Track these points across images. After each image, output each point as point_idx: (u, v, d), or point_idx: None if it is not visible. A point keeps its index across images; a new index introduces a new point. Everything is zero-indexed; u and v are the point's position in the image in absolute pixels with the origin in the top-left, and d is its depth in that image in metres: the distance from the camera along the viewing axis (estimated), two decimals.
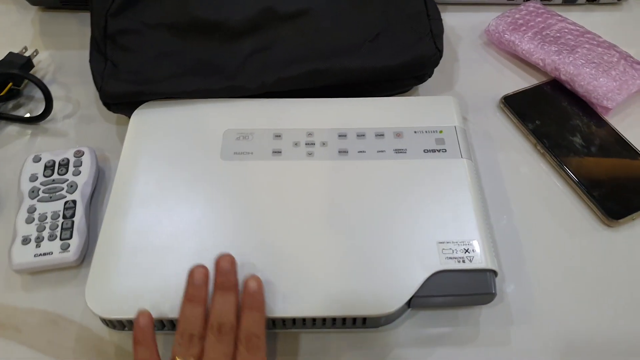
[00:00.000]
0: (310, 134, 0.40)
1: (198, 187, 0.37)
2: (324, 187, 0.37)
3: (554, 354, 0.34)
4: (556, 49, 0.47)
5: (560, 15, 0.51)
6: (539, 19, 0.50)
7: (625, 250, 0.38)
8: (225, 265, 0.32)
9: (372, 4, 0.44)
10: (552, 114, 0.45)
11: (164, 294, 0.32)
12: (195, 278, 0.31)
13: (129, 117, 0.41)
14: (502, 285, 0.36)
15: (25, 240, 0.36)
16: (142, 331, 0.30)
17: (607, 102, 0.44)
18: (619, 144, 0.43)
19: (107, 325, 0.34)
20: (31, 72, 0.48)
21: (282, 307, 0.32)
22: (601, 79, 0.44)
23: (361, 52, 0.42)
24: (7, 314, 0.35)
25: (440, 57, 0.43)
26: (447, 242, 0.34)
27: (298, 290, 0.33)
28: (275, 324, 0.34)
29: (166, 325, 0.33)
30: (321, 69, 0.41)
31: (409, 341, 0.34)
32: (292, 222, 0.35)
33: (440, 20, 0.44)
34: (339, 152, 0.39)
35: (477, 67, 0.50)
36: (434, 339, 0.35)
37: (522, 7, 0.52)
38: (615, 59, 0.46)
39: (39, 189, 0.39)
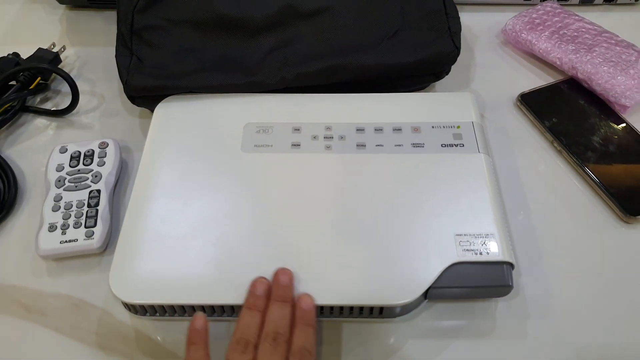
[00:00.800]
0: (328, 128, 0.41)
1: (219, 178, 0.38)
2: (342, 180, 0.38)
3: (570, 350, 0.34)
4: (573, 47, 0.47)
5: (577, 15, 0.51)
6: (556, 19, 0.50)
7: None
8: (285, 279, 0.32)
9: (390, 1, 0.44)
10: (569, 112, 0.45)
11: (184, 281, 0.33)
12: (257, 289, 0.32)
13: (152, 111, 0.43)
14: (518, 280, 0.36)
15: (52, 228, 0.37)
16: (197, 332, 0.30)
17: (625, 100, 0.44)
18: (636, 142, 0.43)
19: (130, 310, 0.35)
20: (59, 67, 0.49)
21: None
22: (619, 77, 0.44)
23: (379, 49, 0.43)
24: (33, 298, 0.36)
25: (458, 54, 0.43)
26: (465, 235, 0.34)
27: (315, 279, 0.33)
28: None
29: (187, 311, 0.34)
30: (340, 65, 0.42)
31: (425, 333, 0.35)
32: (310, 213, 0.36)
33: (458, 18, 0.44)
34: (357, 145, 0.39)
35: (493, 65, 0.50)
36: (449, 331, 0.35)
37: (539, 7, 0.52)
38: (634, 58, 0.46)
39: (65, 178, 0.40)
